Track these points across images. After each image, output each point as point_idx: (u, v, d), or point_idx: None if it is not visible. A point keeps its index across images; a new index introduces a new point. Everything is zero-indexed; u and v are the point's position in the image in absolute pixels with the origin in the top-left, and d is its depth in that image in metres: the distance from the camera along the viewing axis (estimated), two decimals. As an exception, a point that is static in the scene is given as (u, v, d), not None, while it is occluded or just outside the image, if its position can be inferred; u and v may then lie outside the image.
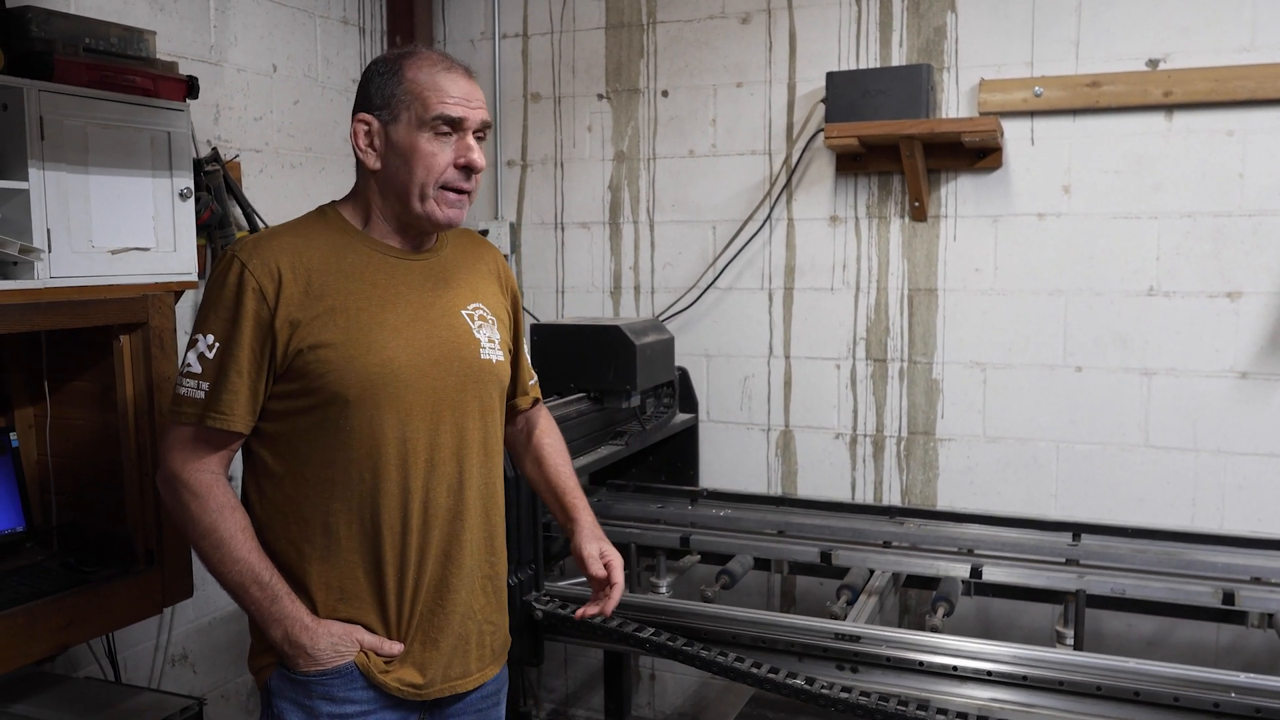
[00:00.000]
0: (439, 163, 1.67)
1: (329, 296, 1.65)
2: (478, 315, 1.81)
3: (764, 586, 3.52)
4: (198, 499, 1.62)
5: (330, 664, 1.65)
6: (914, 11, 3.21)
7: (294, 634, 1.63)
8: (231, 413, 1.62)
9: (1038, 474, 3.19)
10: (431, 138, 1.66)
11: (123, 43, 2.29)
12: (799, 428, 3.49)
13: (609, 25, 3.63)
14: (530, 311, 3.80)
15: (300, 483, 1.67)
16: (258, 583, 1.63)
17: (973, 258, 3.22)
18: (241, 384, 1.61)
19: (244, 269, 1.62)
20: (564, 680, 3.87)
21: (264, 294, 1.61)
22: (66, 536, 2.39)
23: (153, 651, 2.87)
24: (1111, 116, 3.02)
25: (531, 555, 2.51)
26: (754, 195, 3.47)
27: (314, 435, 1.66)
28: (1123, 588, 2.45)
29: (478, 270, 1.87)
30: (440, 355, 1.72)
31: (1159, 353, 3.03)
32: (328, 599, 1.68)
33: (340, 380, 1.63)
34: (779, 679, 2.20)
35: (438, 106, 1.65)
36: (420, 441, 1.69)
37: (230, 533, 1.62)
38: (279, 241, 1.67)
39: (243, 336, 1.61)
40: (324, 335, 1.63)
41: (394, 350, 1.67)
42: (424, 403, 1.70)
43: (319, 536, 1.67)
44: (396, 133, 1.67)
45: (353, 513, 1.67)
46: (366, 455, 1.66)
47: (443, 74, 1.68)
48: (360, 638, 1.67)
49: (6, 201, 2.03)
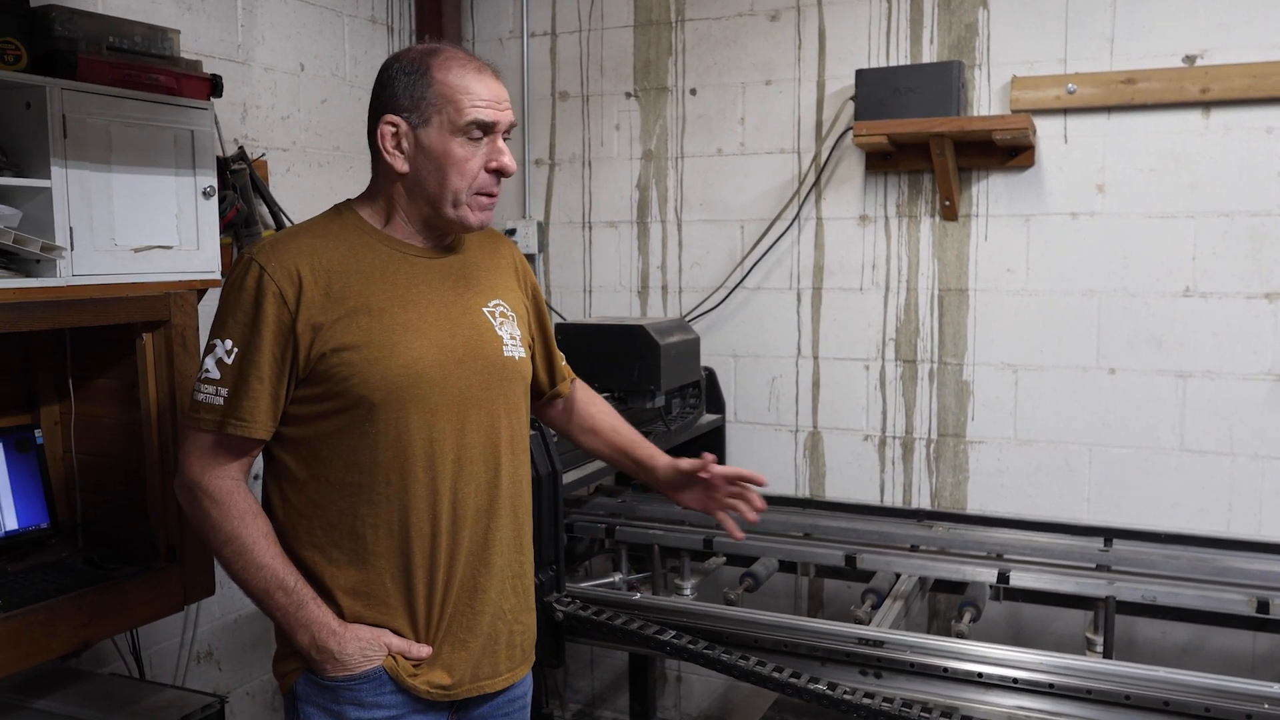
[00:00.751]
0: (472, 168, 1.65)
1: (351, 298, 1.63)
2: (499, 312, 1.79)
3: (790, 589, 3.49)
4: (219, 506, 1.61)
5: (358, 669, 1.63)
6: (945, 8, 3.16)
7: (321, 639, 1.62)
8: (252, 419, 1.60)
9: (1070, 478, 3.13)
10: (465, 142, 1.64)
11: (147, 41, 2.30)
12: (827, 429, 3.45)
13: (637, 23, 3.61)
14: (557, 311, 3.79)
15: (325, 487, 1.65)
16: (282, 588, 1.61)
17: (1004, 257, 3.16)
18: (262, 390, 1.60)
19: (263, 272, 1.60)
20: (590, 681, 3.86)
21: (284, 298, 1.59)
22: (90, 533, 2.41)
23: (178, 648, 2.88)
24: (1147, 114, 2.96)
25: (553, 556, 2.49)
26: (782, 194, 3.43)
27: (339, 439, 1.64)
28: (1154, 594, 2.40)
29: (497, 267, 1.86)
30: (464, 354, 1.71)
31: (1195, 355, 2.97)
32: (354, 604, 1.66)
33: (365, 383, 1.61)
34: (801, 684, 2.17)
35: (471, 111, 1.63)
36: (447, 442, 1.68)
37: (253, 539, 1.61)
38: (297, 243, 1.65)
39: (263, 341, 1.59)
40: (347, 338, 1.61)
41: (418, 351, 1.65)
42: (449, 402, 1.68)
43: (346, 541, 1.65)
44: (428, 136, 1.64)
45: (380, 516, 1.65)
46: (394, 458, 1.64)
47: (473, 76, 1.65)
48: (388, 641, 1.66)
49: (30, 200, 2.04)
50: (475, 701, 1.78)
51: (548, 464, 2.42)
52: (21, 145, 2.06)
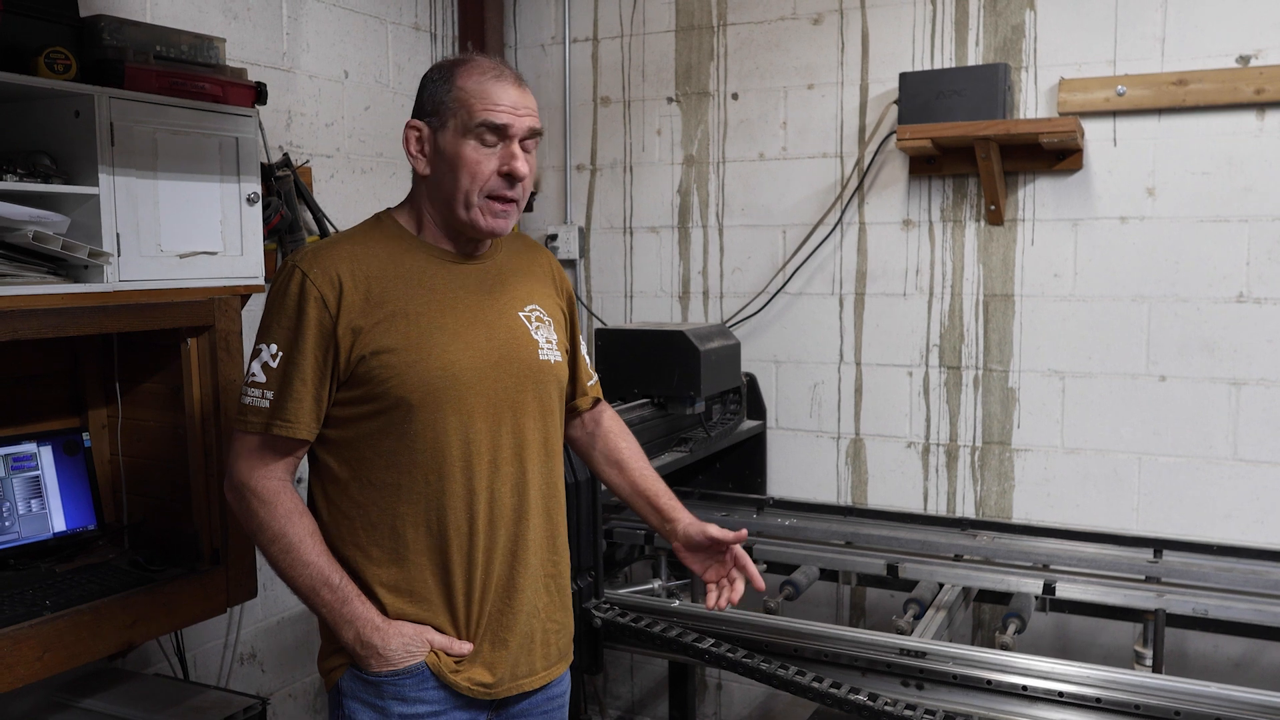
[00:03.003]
0: (483, 170, 1.67)
1: (389, 302, 1.66)
2: (534, 316, 1.82)
3: (831, 598, 3.45)
4: (266, 505, 1.65)
5: (402, 664, 1.66)
6: (991, 10, 3.12)
7: (366, 635, 1.65)
8: (296, 420, 1.64)
9: (1118, 487, 3.07)
10: (476, 145, 1.67)
11: (193, 50, 2.33)
12: (870, 436, 3.41)
13: (679, 28, 3.60)
14: (598, 316, 3.79)
15: (366, 487, 1.69)
16: (328, 585, 1.65)
17: (1051, 262, 3.11)
18: (305, 392, 1.64)
19: (305, 278, 1.64)
20: (629, 688, 3.85)
21: (325, 302, 1.63)
22: (136, 535, 2.44)
23: (221, 649, 2.91)
24: (1199, 116, 2.90)
25: (591, 562, 2.48)
26: (825, 199, 3.41)
27: (378, 440, 1.67)
28: (1205, 608, 2.34)
29: (532, 273, 1.88)
30: (500, 357, 1.73)
31: (1249, 362, 2.90)
32: (396, 601, 1.69)
33: (403, 385, 1.64)
34: (841, 694, 2.15)
35: (482, 113, 1.66)
36: (483, 443, 1.71)
37: (299, 537, 1.65)
38: (338, 250, 1.69)
39: (306, 345, 1.63)
40: (386, 341, 1.64)
41: (455, 353, 1.68)
42: (485, 404, 1.71)
43: (387, 540, 1.68)
44: (444, 139, 1.68)
45: (419, 516, 1.68)
46: (431, 458, 1.67)
47: (491, 81, 1.68)
48: (431, 638, 1.69)
49: (77, 206, 2.08)
50: (514, 699, 1.80)
51: (586, 469, 2.41)
52: (70, 153, 2.10)
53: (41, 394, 2.40)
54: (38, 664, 1.96)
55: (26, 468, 2.28)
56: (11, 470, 2.26)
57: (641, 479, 2.01)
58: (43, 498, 2.29)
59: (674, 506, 1.97)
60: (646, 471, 2.03)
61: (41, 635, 1.97)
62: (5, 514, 2.23)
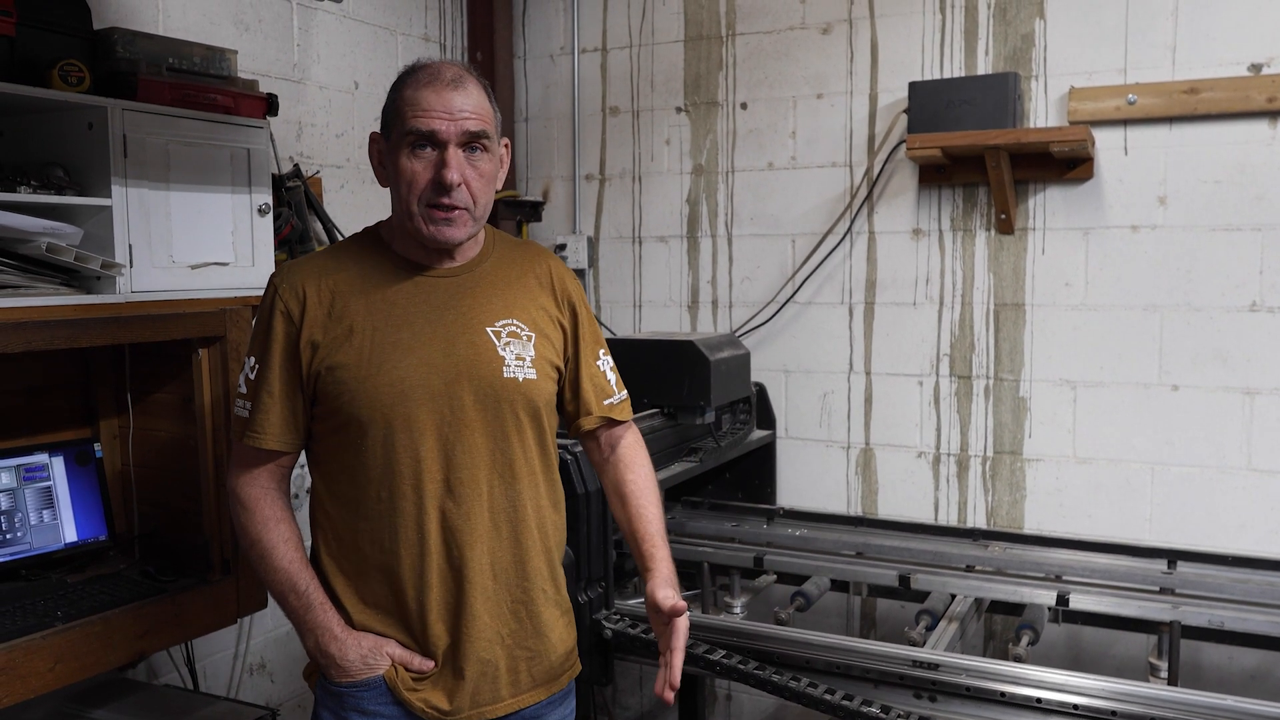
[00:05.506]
0: (419, 180, 1.64)
1: (348, 317, 1.67)
2: (506, 331, 1.74)
3: (842, 609, 3.44)
4: (246, 511, 1.71)
5: (360, 676, 1.67)
6: (1000, 19, 3.12)
7: (324, 643, 1.68)
8: (263, 431, 1.68)
9: (1131, 497, 3.05)
10: (409, 154, 1.64)
11: (205, 62, 2.34)
12: (880, 446, 3.40)
13: (688, 38, 3.61)
14: (607, 326, 3.79)
15: (335, 500, 1.72)
16: (294, 591, 1.68)
17: (1062, 271, 3.10)
18: (272, 403, 1.68)
19: (275, 292, 1.69)
20: (639, 699, 3.83)
21: (290, 315, 1.67)
22: (147, 546, 2.44)
23: (231, 660, 2.91)
24: (1211, 124, 2.89)
25: (601, 573, 2.48)
26: (834, 208, 3.40)
27: (340, 455, 1.70)
28: (1221, 619, 2.32)
29: (523, 284, 1.80)
30: (456, 374, 1.68)
31: (1263, 371, 2.88)
32: (363, 613, 1.71)
33: (353, 401, 1.65)
34: (853, 707, 2.13)
35: (410, 121, 1.62)
36: (434, 462, 1.67)
37: (273, 543, 1.69)
38: (312, 264, 1.73)
39: (273, 358, 1.67)
40: (340, 356, 1.66)
41: (405, 370, 1.66)
42: (438, 423, 1.67)
43: (350, 553, 1.71)
44: (391, 151, 1.68)
45: (373, 532, 1.69)
46: (382, 475, 1.68)
47: (425, 88, 1.63)
48: (391, 651, 1.69)
49: (90, 218, 2.09)
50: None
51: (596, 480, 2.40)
52: (83, 165, 2.11)
53: (54, 404, 2.41)
54: (49, 675, 1.97)
55: (38, 478, 2.28)
56: (24, 481, 2.26)
57: (637, 518, 1.86)
58: (54, 508, 2.30)
59: (654, 555, 1.81)
60: (645, 511, 1.86)
61: (53, 646, 1.97)
62: (17, 524, 2.23)
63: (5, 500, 2.22)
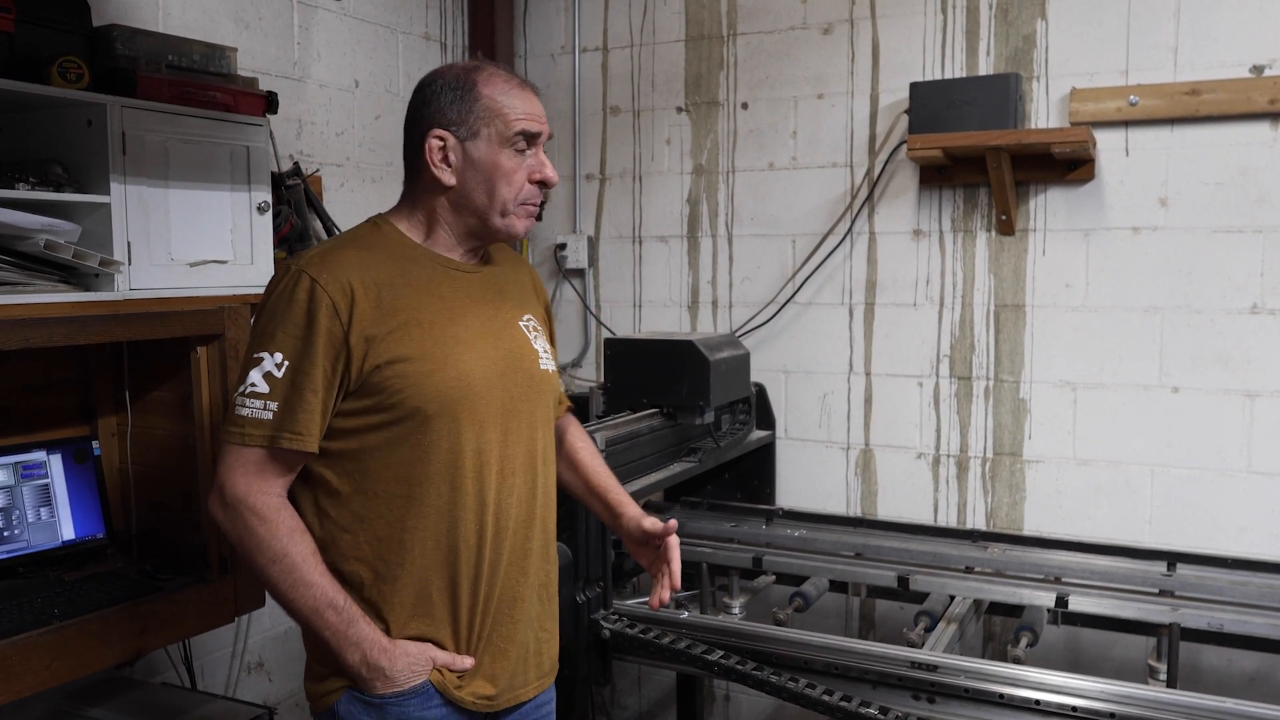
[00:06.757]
0: (519, 179, 1.70)
1: (401, 311, 1.64)
2: (531, 326, 1.83)
3: (841, 610, 3.43)
4: (266, 523, 1.59)
5: (407, 684, 1.64)
6: (1002, 19, 3.12)
7: (372, 656, 1.61)
8: (307, 432, 1.59)
9: (1131, 499, 3.05)
10: (512, 154, 1.69)
11: (205, 59, 2.34)
12: (879, 447, 3.40)
13: (689, 38, 3.60)
14: (606, 325, 3.78)
15: (371, 500, 1.65)
16: (333, 607, 1.60)
17: (1063, 273, 3.10)
18: (316, 402, 1.59)
19: (314, 284, 1.59)
20: (637, 699, 3.83)
21: (337, 310, 1.59)
22: (144, 544, 2.43)
23: (229, 659, 2.91)
24: (1213, 126, 2.89)
25: (600, 573, 2.47)
26: (835, 208, 3.40)
27: (387, 451, 1.64)
28: (1220, 622, 2.32)
29: (520, 282, 1.90)
30: (506, 367, 1.73)
31: (1263, 373, 2.88)
32: (400, 616, 1.66)
33: (419, 394, 1.62)
34: (852, 708, 2.13)
35: (516, 123, 1.68)
36: (493, 453, 1.70)
37: (302, 556, 1.59)
38: (346, 256, 1.65)
39: (316, 354, 1.58)
40: (400, 350, 1.62)
41: (469, 363, 1.67)
42: (495, 414, 1.70)
43: (393, 554, 1.65)
44: (477, 149, 1.68)
45: (429, 528, 1.65)
46: (445, 469, 1.65)
47: (517, 90, 1.71)
48: (433, 655, 1.66)
49: (89, 215, 2.08)
50: (507, 710, 1.78)
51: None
52: (82, 162, 2.10)
53: (52, 402, 2.40)
54: (46, 672, 1.96)
55: (36, 476, 2.28)
56: (21, 478, 2.26)
57: (594, 475, 2.02)
58: (52, 506, 2.29)
59: (622, 500, 1.98)
60: (600, 469, 2.04)
61: (50, 644, 1.97)
62: (15, 522, 2.23)
63: (3, 498, 2.22)
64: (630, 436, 2.77)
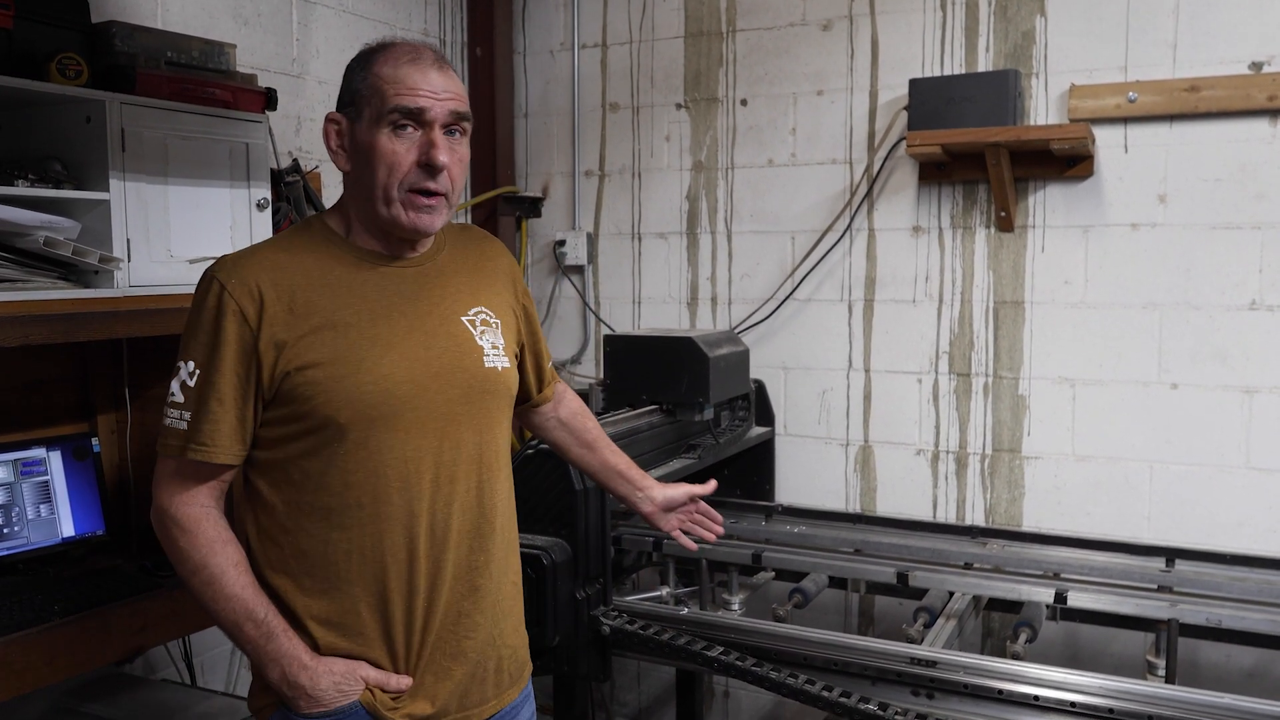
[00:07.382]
0: (401, 162, 1.54)
1: (317, 314, 1.54)
2: (480, 320, 1.69)
3: (840, 606, 3.44)
4: (186, 534, 1.52)
5: (334, 704, 1.54)
6: (1001, 16, 3.12)
7: (292, 674, 1.53)
8: (213, 444, 1.51)
9: (1129, 495, 3.05)
10: (391, 134, 1.53)
11: (204, 56, 2.33)
12: (879, 443, 3.40)
13: (688, 34, 3.60)
14: (606, 322, 3.79)
15: (296, 512, 1.56)
16: (251, 620, 1.52)
17: (1062, 269, 3.10)
18: (223, 413, 1.51)
19: (223, 290, 1.51)
20: (636, 695, 3.84)
21: (245, 316, 1.50)
22: (144, 540, 2.43)
23: (229, 655, 2.91)
24: (1212, 122, 2.89)
25: (600, 570, 2.47)
26: (834, 205, 3.40)
27: (307, 461, 1.55)
28: (1219, 618, 2.32)
29: (481, 270, 1.75)
30: (440, 368, 1.61)
31: (1262, 369, 2.88)
32: (328, 634, 1.57)
33: (330, 402, 1.52)
34: (851, 704, 2.13)
35: (394, 99, 1.52)
36: (424, 461, 1.59)
37: (221, 568, 1.52)
38: (259, 259, 1.57)
39: (223, 363, 1.50)
40: (311, 355, 1.52)
41: (388, 367, 1.56)
42: (426, 420, 1.59)
43: (318, 569, 1.57)
44: (360, 130, 1.55)
45: (353, 542, 1.56)
46: (364, 480, 1.55)
47: (407, 65, 1.54)
48: (364, 674, 1.56)
49: (88, 212, 2.08)
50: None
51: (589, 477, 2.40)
52: (81, 158, 2.10)
53: (51, 399, 2.40)
54: (46, 669, 1.96)
55: (36, 473, 2.28)
56: (21, 475, 2.26)
57: (612, 454, 2.05)
58: (52, 503, 2.29)
59: (644, 475, 2.06)
60: (614, 447, 2.06)
61: (50, 640, 1.96)
62: (15, 519, 2.23)
63: (3, 495, 2.22)
64: (630, 433, 2.77)
